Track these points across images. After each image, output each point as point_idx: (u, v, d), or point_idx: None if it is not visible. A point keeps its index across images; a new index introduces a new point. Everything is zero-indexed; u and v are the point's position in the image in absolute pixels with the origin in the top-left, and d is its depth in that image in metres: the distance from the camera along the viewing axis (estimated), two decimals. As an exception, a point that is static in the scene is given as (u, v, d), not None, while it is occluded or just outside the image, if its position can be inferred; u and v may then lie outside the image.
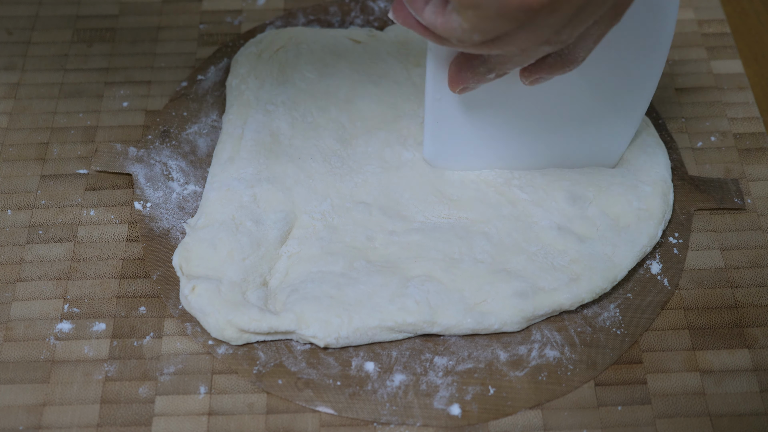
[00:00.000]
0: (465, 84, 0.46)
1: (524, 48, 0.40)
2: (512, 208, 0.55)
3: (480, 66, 0.44)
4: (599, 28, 0.41)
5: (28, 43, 0.66)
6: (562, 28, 0.38)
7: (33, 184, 0.58)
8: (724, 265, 0.55)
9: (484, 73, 0.44)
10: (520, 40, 0.39)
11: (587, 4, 0.37)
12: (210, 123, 0.61)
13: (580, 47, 0.42)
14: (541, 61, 0.43)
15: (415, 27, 0.42)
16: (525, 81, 0.45)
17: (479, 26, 0.38)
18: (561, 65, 0.43)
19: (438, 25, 0.39)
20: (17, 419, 0.49)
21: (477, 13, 0.37)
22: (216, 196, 0.55)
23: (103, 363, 0.51)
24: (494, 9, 0.36)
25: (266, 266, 0.53)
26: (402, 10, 0.42)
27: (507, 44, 0.39)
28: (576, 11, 0.38)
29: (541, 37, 0.39)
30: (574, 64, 0.43)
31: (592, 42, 0.42)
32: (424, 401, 0.49)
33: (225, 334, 0.50)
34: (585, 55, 0.43)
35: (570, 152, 0.56)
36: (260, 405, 0.49)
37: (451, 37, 0.40)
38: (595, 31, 0.41)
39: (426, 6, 0.40)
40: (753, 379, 0.50)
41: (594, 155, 0.57)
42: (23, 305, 0.53)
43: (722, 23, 0.67)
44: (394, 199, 0.56)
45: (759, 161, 0.60)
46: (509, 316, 0.51)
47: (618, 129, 0.55)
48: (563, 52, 0.42)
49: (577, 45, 0.42)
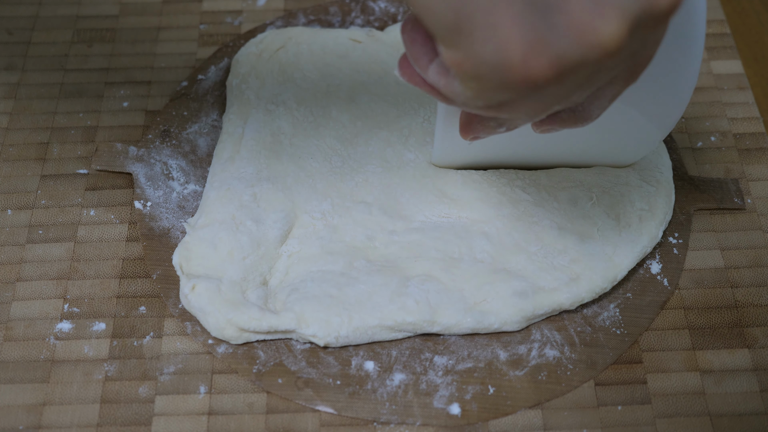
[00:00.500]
0: (475, 134, 0.44)
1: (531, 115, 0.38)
2: (513, 208, 0.55)
3: (490, 121, 0.42)
4: (614, 88, 0.39)
5: (28, 43, 0.66)
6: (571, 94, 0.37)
7: (33, 184, 0.58)
8: (724, 264, 0.55)
9: (494, 127, 0.42)
10: (526, 107, 0.37)
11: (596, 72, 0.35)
12: (210, 122, 0.61)
13: (595, 106, 0.40)
14: (554, 115, 0.41)
15: (421, 85, 0.40)
16: (536, 130, 0.43)
17: (482, 95, 0.36)
18: (573, 121, 0.41)
19: (441, 87, 0.38)
20: (17, 419, 0.49)
21: (479, 84, 0.35)
22: (216, 196, 0.55)
23: (103, 363, 0.51)
24: (496, 81, 0.35)
25: (266, 265, 0.53)
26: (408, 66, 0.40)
27: (513, 110, 0.38)
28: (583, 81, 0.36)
29: (548, 104, 0.37)
30: (588, 121, 0.41)
31: (607, 101, 0.40)
32: (423, 400, 0.49)
33: (225, 333, 0.50)
34: (599, 112, 0.41)
35: (589, 153, 0.55)
36: (260, 404, 0.49)
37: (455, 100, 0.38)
38: (609, 92, 0.39)
39: (430, 65, 0.38)
40: (753, 378, 0.50)
41: (614, 156, 0.56)
42: (23, 305, 0.53)
43: (722, 23, 0.67)
44: (395, 198, 0.56)
45: (759, 161, 0.60)
46: (509, 316, 0.51)
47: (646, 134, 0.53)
48: (576, 109, 0.41)
49: (592, 104, 0.40)
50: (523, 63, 0.33)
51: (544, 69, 0.33)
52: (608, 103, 0.40)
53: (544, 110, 0.38)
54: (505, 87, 0.35)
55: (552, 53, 0.33)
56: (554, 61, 0.33)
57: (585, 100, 0.40)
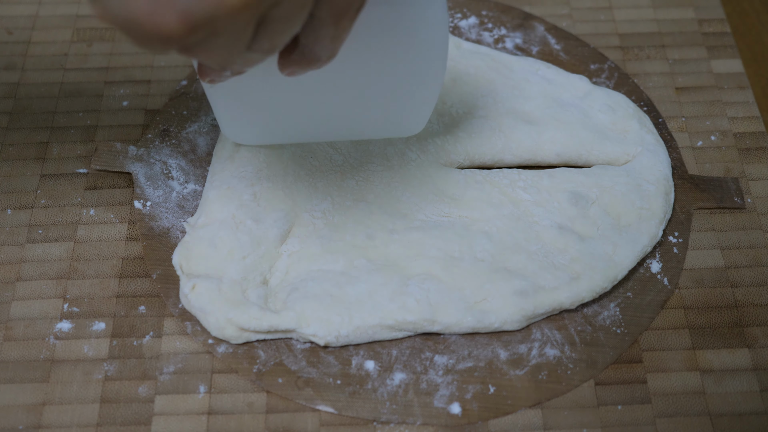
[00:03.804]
0: (209, 77, 0.43)
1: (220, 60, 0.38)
2: (514, 208, 0.55)
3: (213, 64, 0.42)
4: (327, 30, 0.39)
5: (28, 43, 0.66)
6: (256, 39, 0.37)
7: (33, 184, 0.58)
8: (724, 264, 0.55)
9: (219, 71, 0.42)
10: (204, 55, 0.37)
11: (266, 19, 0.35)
12: (210, 122, 0.61)
13: (318, 47, 0.40)
14: (287, 56, 0.42)
15: None
16: (283, 72, 0.43)
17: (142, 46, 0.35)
18: (306, 63, 0.41)
19: None
20: (17, 419, 0.49)
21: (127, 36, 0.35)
22: (216, 195, 0.55)
23: (102, 362, 0.51)
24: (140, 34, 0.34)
25: (266, 265, 0.53)
26: None
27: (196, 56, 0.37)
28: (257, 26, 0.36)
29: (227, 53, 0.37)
30: (320, 62, 0.41)
31: (328, 42, 0.40)
32: (424, 400, 0.49)
33: (225, 332, 0.50)
34: (329, 53, 0.41)
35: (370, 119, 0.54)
36: (260, 404, 0.49)
37: None
38: (324, 33, 0.39)
39: None
40: (753, 378, 0.50)
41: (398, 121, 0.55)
42: (23, 305, 0.53)
43: (722, 23, 0.67)
44: (396, 197, 0.56)
45: (759, 160, 0.60)
46: (509, 315, 0.51)
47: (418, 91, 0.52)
48: (304, 51, 0.41)
49: (314, 45, 0.40)
50: (150, 18, 0.33)
51: (172, 24, 0.33)
52: (331, 44, 0.40)
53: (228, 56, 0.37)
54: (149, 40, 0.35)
55: (178, 8, 0.33)
56: (182, 16, 0.33)
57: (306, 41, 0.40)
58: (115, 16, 0.34)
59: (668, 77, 0.64)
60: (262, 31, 0.37)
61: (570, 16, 0.68)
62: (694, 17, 0.68)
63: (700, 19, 0.68)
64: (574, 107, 0.60)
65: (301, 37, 0.40)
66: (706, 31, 0.67)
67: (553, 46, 0.66)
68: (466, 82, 0.61)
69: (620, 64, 0.65)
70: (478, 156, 0.58)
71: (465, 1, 0.68)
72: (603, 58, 0.65)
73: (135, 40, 0.35)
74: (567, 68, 0.64)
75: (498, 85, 0.61)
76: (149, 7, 0.33)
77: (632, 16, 0.68)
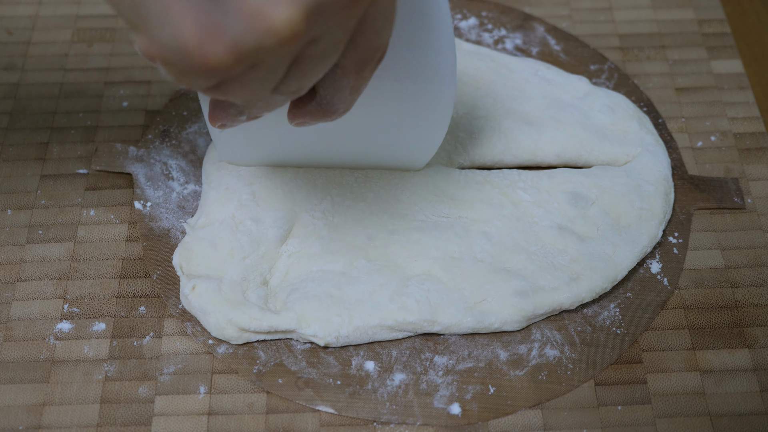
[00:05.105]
0: (221, 122, 0.43)
1: (247, 100, 0.38)
2: (513, 208, 0.55)
3: (230, 108, 0.42)
4: (348, 80, 0.39)
5: (28, 43, 0.66)
6: (285, 79, 0.37)
7: (33, 184, 0.58)
8: (724, 264, 0.55)
9: (235, 114, 0.42)
10: (236, 92, 0.37)
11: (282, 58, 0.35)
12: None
13: (337, 99, 0.40)
14: (302, 107, 0.42)
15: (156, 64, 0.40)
16: (291, 122, 0.43)
17: (181, 80, 0.35)
18: (321, 114, 0.42)
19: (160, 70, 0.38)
20: (17, 419, 0.49)
21: (171, 69, 0.35)
22: (216, 196, 0.55)
23: (102, 363, 0.51)
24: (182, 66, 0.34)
25: (266, 265, 0.53)
26: None
27: (225, 94, 0.37)
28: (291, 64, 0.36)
29: (258, 91, 0.37)
30: (336, 115, 0.42)
31: (347, 93, 0.40)
32: (424, 400, 0.49)
33: (225, 333, 0.50)
34: (345, 106, 0.41)
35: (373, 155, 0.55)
36: (260, 404, 0.49)
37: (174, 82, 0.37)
38: (345, 84, 0.39)
39: None
40: (753, 378, 0.50)
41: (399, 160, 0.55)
42: (23, 305, 0.53)
43: (722, 23, 0.67)
44: (396, 197, 0.56)
45: (759, 161, 0.60)
46: (509, 315, 0.51)
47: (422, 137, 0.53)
48: (321, 102, 0.41)
49: (333, 96, 0.40)
50: (199, 48, 0.33)
51: (221, 54, 0.33)
52: (350, 96, 0.40)
53: (256, 95, 0.37)
54: (192, 73, 0.34)
55: (228, 39, 0.33)
56: (230, 47, 0.33)
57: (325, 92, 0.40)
58: (163, 47, 0.34)
59: (668, 78, 0.64)
60: (294, 70, 0.37)
61: (570, 16, 0.68)
62: (694, 18, 0.68)
63: (700, 19, 0.68)
64: (573, 108, 0.60)
65: (320, 89, 0.40)
66: (706, 31, 0.67)
67: (553, 46, 0.66)
68: (466, 83, 0.61)
69: (620, 64, 0.65)
70: (479, 156, 0.58)
71: (465, 2, 0.68)
72: (603, 58, 0.65)
73: (178, 72, 0.35)
74: (567, 69, 0.64)
75: (498, 86, 0.61)
76: (199, 37, 0.33)
77: (632, 16, 0.68)
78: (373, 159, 0.55)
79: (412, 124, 0.51)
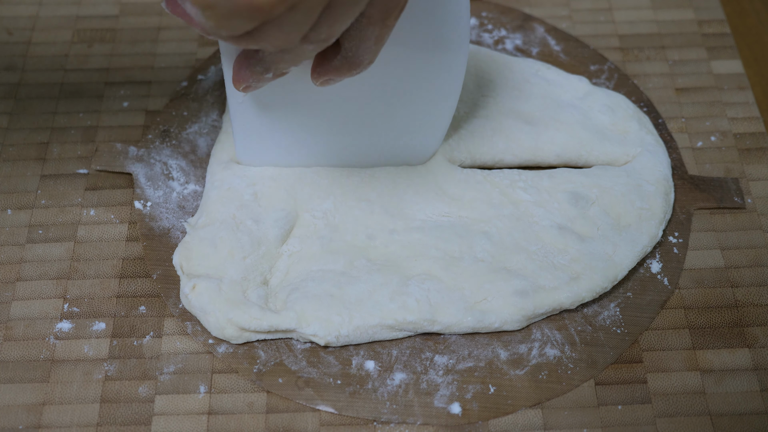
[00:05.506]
0: (246, 83, 0.45)
1: (280, 45, 0.39)
2: (514, 208, 0.55)
3: (256, 65, 0.43)
4: (373, 30, 0.40)
5: (28, 43, 0.66)
6: (316, 26, 0.38)
7: (33, 184, 0.58)
8: (724, 264, 0.55)
9: (261, 72, 0.43)
10: (271, 37, 0.38)
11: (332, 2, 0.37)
12: (210, 122, 0.61)
13: (362, 50, 0.42)
14: (327, 62, 0.43)
15: (183, 16, 0.41)
16: (315, 82, 0.44)
17: (221, 24, 0.37)
18: (347, 68, 0.43)
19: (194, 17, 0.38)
20: (17, 418, 0.49)
21: (214, 12, 0.36)
22: (217, 195, 0.55)
23: (102, 362, 0.51)
24: (227, 8, 0.36)
25: (267, 265, 0.53)
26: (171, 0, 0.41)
27: (259, 40, 0.38)
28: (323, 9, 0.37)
29: (292, 34, 0.38)
30: (360, 67, 0.43)
31: (372, 44, 0.41)
32: (424, 400, 0.49)
33: (225, 332, 0.50)
34: (370, 58, 0.42)
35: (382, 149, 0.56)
36: (260, 404, 0.49)
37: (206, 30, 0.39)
38: (370, 33, 0.40)
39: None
40: (753, 378, 0.50)
41: (407, 152, 0.56)
42: (23, 305, 0.53)
43: (722, 23, 0.68)
44: (398, 196, 0.56)
45: (759, 161, 0.60)
46: (509, 315, 0.51)
47: (428, 126, 0.54)
48: (347, 54, 0.42)
49: (358, 48, 0.41)
50: None
51: None
52: (374, 47, 0.41)
53: (290, 41, 0.39)
54: (237, 14, 0.36)
55: None
56: None
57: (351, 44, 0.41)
58: None
59: (668, 78, 0.64)
60: (325, 16, 0.38)
61: (570, 17, 0.68)
62: (694, 18, 0.68)
63: (700, 19, 0.68)
64: (574, 108, 0.60)
65: (345, 41, 0.41)
66: (706, 31, 0.67)
67: (553, 47, 0.66)
68: (466, 83, 0.61)
69: (620, 65, 0.65)
70: (479, 156, 0.58)
71: (465, 2, 0.68)
72: (603, 59, 0.65)
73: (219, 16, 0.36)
74: (567, 69, 0.65)
75: (498, 86, 0.61)
76: None
77: (632, 17, 0.68)
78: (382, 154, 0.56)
79: (424, 99, 0.52)
